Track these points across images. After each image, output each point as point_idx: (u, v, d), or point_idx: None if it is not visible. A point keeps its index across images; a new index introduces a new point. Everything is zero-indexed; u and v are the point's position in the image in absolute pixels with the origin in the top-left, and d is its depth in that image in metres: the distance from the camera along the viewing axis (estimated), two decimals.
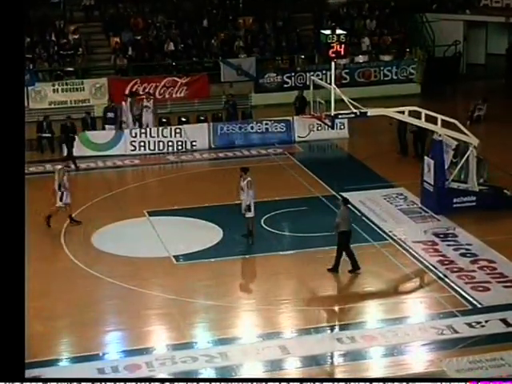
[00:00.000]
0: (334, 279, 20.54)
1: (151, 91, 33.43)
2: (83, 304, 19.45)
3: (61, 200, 23.28)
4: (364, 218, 23.84)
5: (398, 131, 29.22)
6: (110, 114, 30.81)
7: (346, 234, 20.51)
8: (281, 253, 21.97)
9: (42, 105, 33.22)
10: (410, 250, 21.70)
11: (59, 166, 23.82)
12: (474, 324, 17.98)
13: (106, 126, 30.72)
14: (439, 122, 23.86)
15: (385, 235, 22.71)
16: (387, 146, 30.45)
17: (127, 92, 32.99)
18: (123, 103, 31.00)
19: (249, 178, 22.03)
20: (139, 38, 36.59)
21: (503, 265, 20.75)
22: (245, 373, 16.40)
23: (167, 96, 33.86)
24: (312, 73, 34.86)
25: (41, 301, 19.00)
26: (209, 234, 22.95)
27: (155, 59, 36.01)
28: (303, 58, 36.89)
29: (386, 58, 37.65)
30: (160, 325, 18.68)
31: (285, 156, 29.80)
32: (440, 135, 24.08)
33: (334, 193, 25.65)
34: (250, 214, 22.12)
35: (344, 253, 20.51)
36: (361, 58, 37.38)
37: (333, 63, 23.67)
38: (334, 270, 20.54)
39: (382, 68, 37.17)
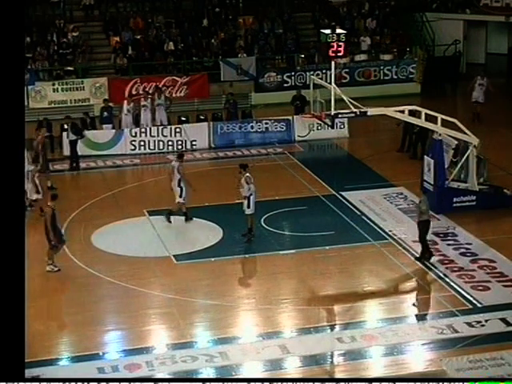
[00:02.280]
0: (334, 278, 20.57)
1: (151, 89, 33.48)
2: (83, 303, 19.46)
3: (180, 196, 23.29)
4: (364, 218, 23.85)
5: (404, 131, 29.14)
6: (106, 114, 30.86)
7: (428, 222, 20.99)
8: (281, 252, 21.98)
9: (41, 104, 33.23)
10: (410, 250, 21.70)
11: (177, 163, 23.69)
12: (473, 323, 17.98)
13: (104, 126, 30.76)
14: (439, 122, 23.85)
15: (385, 234, 22.72)
16: (387, 146, 30.47)
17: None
18: (125, 103, 30.99)
19: (247, 174, 22.07)
20: (139, 37, 36.62)
21: (503, 264, 20.76)
22: (245, 372, 16.41)
23: (167, 95, 33.79)
24: (312, 72, 34.90)
25: (41, 300, 19.03)
26: (209, 234, 22.96)
27: (155, 59, 36.03)
28: (303, 58, 36.89)
29: (386, 57, 37.66)
30: (160, 324, 18.68)
31: (285, 155, 29.80)
32: (440, 134, 24.09)
33: (334, 192, 25.69)
34: (248, 211, 22.14)
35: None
36: (361, 58, 37.40)
37: (333, 62, 23.67)
38: (423, 258, 20.97)
39: (381, 67, 37.16)
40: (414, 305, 19.28)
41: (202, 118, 32.24)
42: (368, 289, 20.01)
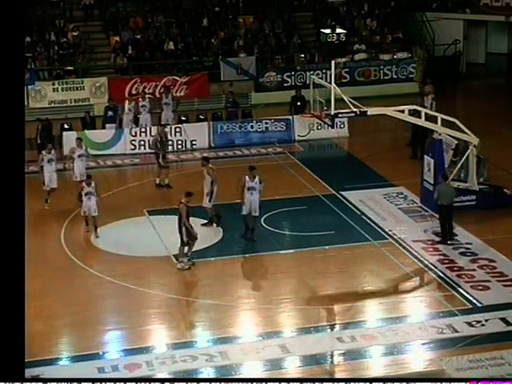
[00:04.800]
0: (334, 278, 20.57)
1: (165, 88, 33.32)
2: (83, 303, 19.47)
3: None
4: (364, 217, 23.85)
5: (413, 132, 29.03)
6: (111, 113, 30.87)
7: (443, 207, 21.89)
8: (281, 252, 21.98)
9: (41, 104, 33.25)
10: (410, 249, 21.71)
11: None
12: (473, 323, 17.99)
13: (107, 125, 30.78)
14: (439, 121, 23.86)
15: (385, 234, 22.72)
16: (387, 145, 30.49)
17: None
18: (126, 102, 31.01)
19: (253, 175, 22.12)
20: (139, 37, 36.63)
21: (503, 264, 20.76)
22: (245, 372, 16.41)
23: (174, 95, 33.75)
24: (312, 72, 34.91)
25: (41, 300, 19.01)
26: (209, 233, 22.95)
27: (155, 58, 36.04)
28: (303, 57, 36.91)
29: (386, 56, 37.67)
30: (160, 324, 18.68)
31: (285, 155, 29.80)
32: (440, 134, 24.09)
33: (334, 192, 25.70)
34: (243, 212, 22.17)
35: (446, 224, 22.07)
36: (361, 57, 37.39)
37: (333, 62, 23.68)
38: (448, 239, 22.00)
39: (381, 67, 37.18)
40: None
41: (201, 117, 32.26)
42: (368, 288, 20.01)
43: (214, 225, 23.24)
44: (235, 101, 32.58)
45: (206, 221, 23.51)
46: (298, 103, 31.88)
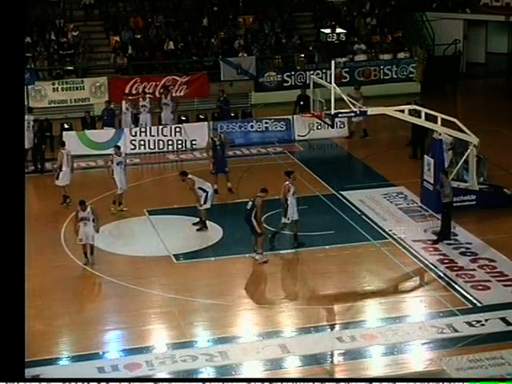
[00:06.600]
0: (334, 278, 20.57)
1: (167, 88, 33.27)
2: (83, 303, 19.49)
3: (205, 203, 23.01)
4: (364, 217, 23.85)
5: (412, 132, 28.97)
6: (107, 116, 30.82)
7: (448, 204, 22.17)
8: (281, 252, 21.97)
9: (41, 104, 33.23)
10: (410, 249, 21.71)
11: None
12: (473, 323, 17.99)
13: (105, 128, 30.72)
14: (439, 121, 23.86)
15: (385, 234, 22.72)
16: (387, 145, 30.47)
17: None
18: (123, 102, 31.00)
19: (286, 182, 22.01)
20: (139, 36, 36.66)
21: (503, 263, 20.76)
22: (245, 372, 16.41)
23: (174, 95, 33.75)
24: (312, 72, 34.90)
25: (41, 300, 19.02)
26: (209, 233, 22.95)
27: (155, 58, 36.05)
28: (303, 57, 36.92)
29: (386, 56, 37.67)
30: (160, 323, 18.69)
31: (285, 155, 29.80)
32: (440, 134, 24.09)
33: (334, 192, 25.69)
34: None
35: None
36: (361, 57, 37.40)
37: (333, 62, 23.68)
38: (440, 239, 21.94)
39: (381, 67, 37.18)
40: None
41: (201, 117, 32.28)
42: (368, 288, 20.01)
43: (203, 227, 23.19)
44: (226, 99, 32.52)
45: (211, 222, 23.45)
46: (301, 102, 31.86)
